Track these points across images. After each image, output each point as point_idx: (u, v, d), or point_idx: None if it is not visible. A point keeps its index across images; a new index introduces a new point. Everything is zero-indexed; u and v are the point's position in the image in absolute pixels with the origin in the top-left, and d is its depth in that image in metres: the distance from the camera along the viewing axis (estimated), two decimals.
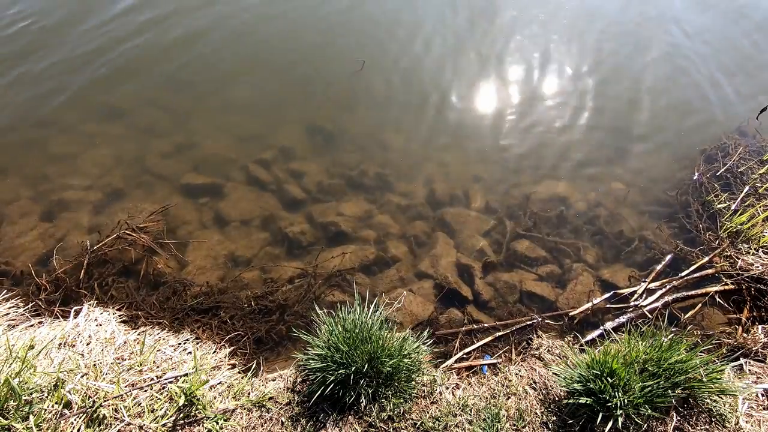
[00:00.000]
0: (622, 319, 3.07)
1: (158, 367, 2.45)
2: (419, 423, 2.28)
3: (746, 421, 2.29)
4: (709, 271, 3.35)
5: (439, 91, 5.06)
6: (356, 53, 5.35)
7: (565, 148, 4.57)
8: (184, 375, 2.36)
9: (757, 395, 2.44)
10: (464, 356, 2.84)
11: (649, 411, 2.13)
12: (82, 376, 2.27)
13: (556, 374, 2.47)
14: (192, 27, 5.60)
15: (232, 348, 2.80)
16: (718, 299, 3.17)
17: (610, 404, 2.13)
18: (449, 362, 2.76)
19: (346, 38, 5.65)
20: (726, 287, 3.21)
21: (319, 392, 2.24)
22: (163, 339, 2.70)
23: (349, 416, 2.28)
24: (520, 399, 2.45)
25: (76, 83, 4.84)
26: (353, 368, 2.24)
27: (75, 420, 2.08)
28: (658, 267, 3.44)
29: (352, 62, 5.24)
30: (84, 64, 5.05)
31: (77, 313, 2.78)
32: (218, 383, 2.44)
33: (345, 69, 5.25)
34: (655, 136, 4.71)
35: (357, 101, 4.98)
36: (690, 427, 2.24)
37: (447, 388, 2.49)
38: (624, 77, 5.35)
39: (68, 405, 2.14)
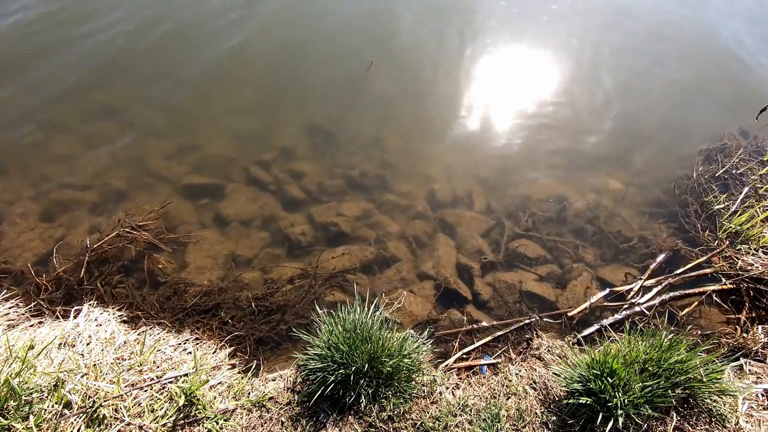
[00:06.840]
0: (619, 316, 3.08)
1: (158, 367, 2.45)
2: (419, 423, 2.28)
3: (746, 421, 2.29)
4: (707, 270, 3.36)
5: (439, 91, 5.07)
6: (357, 54, 5.36)
7: (565, 147, 4.57)
8: (184, 375, 2.36)
9: (757, 395, 2.44)
10: (464, 356, 2.84)
11: (650, 411, 2.13)
12: (82, 376, 2.27)
13: (556, 374, 2.47)
14: (192, 29, 5.61)
15: (232, 348, 2.80)
16: (715, 298, 3.18)
17: (610, 404, 2.13)
18: (449, 362, 2.76)
19: (346, 39, 5.65)
20: (724, 287, 3.22)
21: (319, 392, 2.24)
22: (164, 339, 2.70)
23: (349, 416, 2.28)
24: (520, 399, 2.45)
25: (77, 83, 4.84)
26: (353, 368, 2.24)
27: (75, 420, 2.08)
28: (653, 264, 3.46)
29: (355, 61, 5.25)
30: (85, 64, 5.05)
31: (77, 313, 2.78)
32: (218, 383, 2.44)
33: (344, 69, 5.25)
34: (655, 136, 4.72)
35: (357, 101, 4.98)
36: (690, 427, 2.25)
37: (447, 388, 2.49)
38: (625, 78, 5.36)
39: (68, 405, 2.13)
